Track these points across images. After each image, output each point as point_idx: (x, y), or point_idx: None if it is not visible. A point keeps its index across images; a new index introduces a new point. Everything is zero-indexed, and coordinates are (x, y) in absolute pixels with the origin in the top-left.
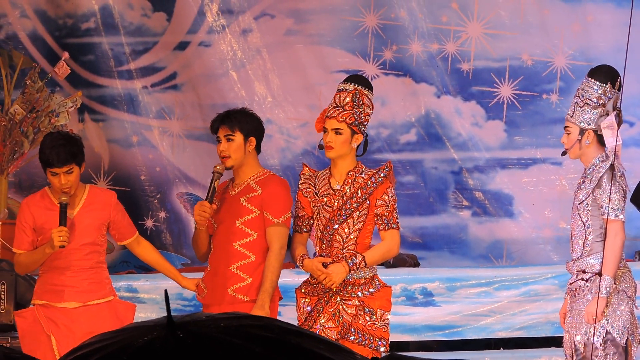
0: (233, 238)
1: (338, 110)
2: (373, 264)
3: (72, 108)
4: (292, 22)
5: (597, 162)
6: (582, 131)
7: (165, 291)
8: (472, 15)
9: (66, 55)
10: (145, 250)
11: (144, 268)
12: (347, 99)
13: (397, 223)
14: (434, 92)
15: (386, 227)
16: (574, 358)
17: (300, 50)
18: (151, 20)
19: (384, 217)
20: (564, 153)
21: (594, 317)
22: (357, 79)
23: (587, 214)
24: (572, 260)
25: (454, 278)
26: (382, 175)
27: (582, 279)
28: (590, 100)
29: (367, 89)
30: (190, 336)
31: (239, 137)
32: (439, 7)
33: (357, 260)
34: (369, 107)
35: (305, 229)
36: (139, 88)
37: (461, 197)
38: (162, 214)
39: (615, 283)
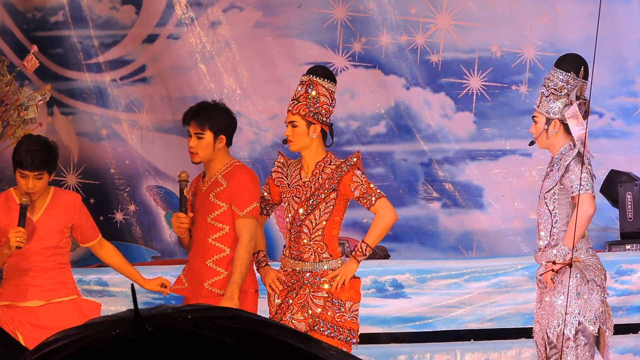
0: (207, 233)
1: (293, 103)
2: (377, 240)
3: (42, 101)
4: (261, 15)
5: (565, 150)
6: (548, 121)
7: (132, 285)
8: (441, 7)
9: (35, 48)
10: (108, 253)
11: None
12: (302, 91)
13: (380, 192)
14: (403, 84)
15: (373, 201)
16: (547, 349)
17: (269, 42)
18: (120, 13)
19: (365, 195)
20: (532, 143)
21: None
22: (314, 69)
23: (554, 202)
24: (539, 249)
25: (424, 270)
26: (348, 164)
27: (553, 270)
28: (555, 89)
29: (322, 78)
30: (158, 329)
31: (208, 135)
32: None
33: (360, 247)
34: (325, 96)
35: (263, 211)
36: (108, 81)
37: (431, 189)
38: (132, 207)
39: (585, 273)
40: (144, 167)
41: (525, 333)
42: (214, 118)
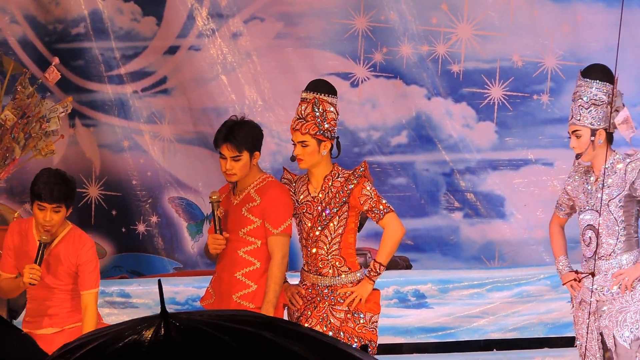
0: (238, 246)
1: (301, 122)
2: (389, 257)
3: (63, 113)
4: (282, 26)
5: (617, 158)
6: (593, 132)
7: (159, 281)
8: (462, 17)
9: (56, 60)
10: (86, 312)
11: (137, 273)
12: (308, 109)
13: (389, 206)
14: (424, 94)
15: (381, 216)
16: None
17: (291, 53)
18: (141, 25)
19: (374, 209)
20: (578, 156)
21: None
22: (316, 85)
23: (620, 209)
24: (599, 257)
25: (446, 280)
26: (357, 176)
27: (575, 280)
28: (595, 100)
29: (326, 95)
30: (183, 325)
31: (245, 156)
32: (429, 9)
33: (374, 268)
34: (331, 112)
35: None
36: (129, 93)
37: (453, 199)
38: (154, 219)
39: None
40: (165, 178)
41: (547, 343)
42: (248, 137)
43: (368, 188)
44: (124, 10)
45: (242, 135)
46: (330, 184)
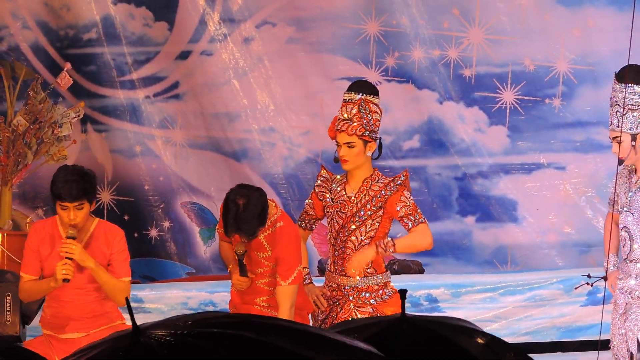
0: (255, 278)
1: (347, 123)
2: (403, 249)
3: (75, 119)
4: (293, 30)
5: None
6: (633, 136)
7: (126, 298)
8: (474, 21)
9: (68, 66)
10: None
11: (149, 278)
12: (354, 110)
13: (424, 218)
14: (436, 98)
15: (415, 224)
16: None
17: (302, 58)
18: (153, 30)
19: (409, 216)
20: (620, 162)
21: None
22: (361, 87)
23: None
24: (632, 260)
25: (459, 284)
26: (397, 183)
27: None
28: (631, 104)
29: (372, 95)
30: (153, 340)
31: (258, 230)
32: (440, 13)
33: (386, 243)
34: (377, 113)
35: (307, 226)
36: (141, 98)
37: (465, 203)
38: (167, 224)
39: None
40: (178, 183)
41: (560, 347)
42: (257, 222)
43: (407, 196)
44: (136, 16)
45: (253, 225)
46: (369, 186)
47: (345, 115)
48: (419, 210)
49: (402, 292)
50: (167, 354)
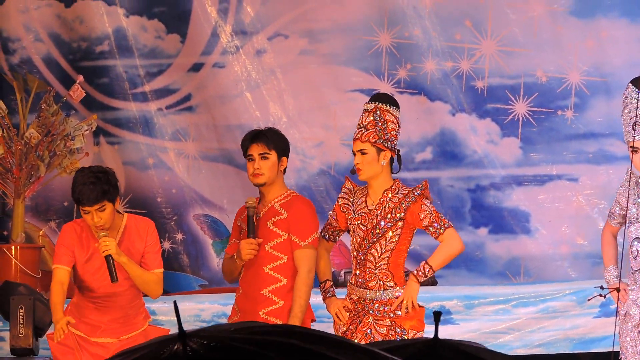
0: (263, 262)
1: (361, 131)
2: (440, 265)
3: (88, 131)
4: (306, 42)
5: None
6: None
7: (174, 302)
8: (486, 33)
9: (81, 78)
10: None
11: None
12: (369, 118)
13: (449, 223)
14: (448, 110)
15: (441, 231)
16: None
17: (315, 70)
18: (165, 42)
19: (434, 224)
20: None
21: None
22: (379, 96)
23: None
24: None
25: (472, 296)
26: (416, 193)
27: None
28: None
29: (388, 105)
30: (201, 343)
31: (273, 155)
32: (453, 25)
33: (423, 268)
34: (393, 122)
35: (330, 238)
36: (153, 110)
37: (478, 215)
38: (179, 236)
39: None
40: (190, 195)
41: (573, 358)
42: (278, 139)
43: (427, 204)
44: (148, 28)
45: (271, 134)
46: (388, 198)
47: (361, 124)
48: (442, 216)
49: (437, 315)
50: (215, 357)
